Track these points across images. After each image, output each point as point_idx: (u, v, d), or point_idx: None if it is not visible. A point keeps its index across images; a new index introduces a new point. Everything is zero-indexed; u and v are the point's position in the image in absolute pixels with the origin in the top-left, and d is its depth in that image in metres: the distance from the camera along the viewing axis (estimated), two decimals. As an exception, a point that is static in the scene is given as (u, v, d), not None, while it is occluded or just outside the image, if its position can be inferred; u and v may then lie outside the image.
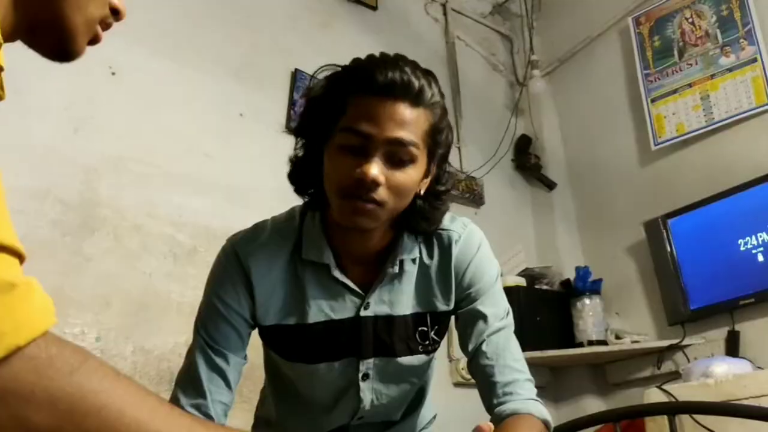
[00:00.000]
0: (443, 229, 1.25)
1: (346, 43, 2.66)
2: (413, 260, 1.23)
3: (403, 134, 1.06)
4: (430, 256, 1.25)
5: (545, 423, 1.17)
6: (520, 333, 1.29)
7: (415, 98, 1.08)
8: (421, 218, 1.18)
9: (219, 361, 1.17)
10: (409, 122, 1.07)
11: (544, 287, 2.90)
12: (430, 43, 3.17)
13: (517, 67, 3.48)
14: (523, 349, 1.27)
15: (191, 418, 0.63)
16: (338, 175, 1.09)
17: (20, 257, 0.53)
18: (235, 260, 1.20)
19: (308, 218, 1.22)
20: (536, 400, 1.19)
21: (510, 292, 2.64)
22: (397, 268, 1.21)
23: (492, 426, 0.99)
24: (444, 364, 2.63)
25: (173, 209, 2.06)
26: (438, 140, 1.13)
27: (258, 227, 1.25)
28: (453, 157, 3.21)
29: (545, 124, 3.33)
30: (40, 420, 0.51)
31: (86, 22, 0.75)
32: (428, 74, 1.13)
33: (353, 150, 1.07)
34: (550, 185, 3.21)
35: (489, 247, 1.29)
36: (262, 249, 1.20)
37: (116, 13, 0.80)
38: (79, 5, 0.73)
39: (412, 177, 1.10)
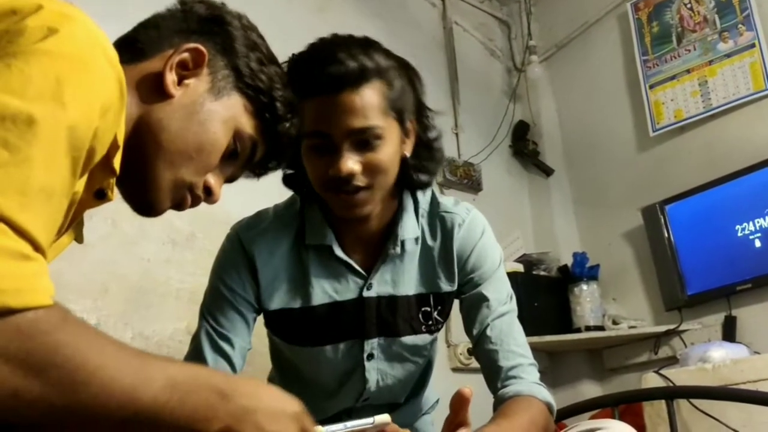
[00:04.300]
0: (446, 212, 1.26)
1: (342, 27, 2.61)
2: (415, 239, 1.25)
3: (359, 122, 1.08)
4: (434, 238, 1.26)
5: (548, 405, 1.19)
6: (518, 318, 1.30)
7: (358, 80, 1.08)
8: (417, 172, 1.21)
9: (224, 345, 1.18)
10: (361, 107, 1.08)
11: (542, 273, 2.90)
12: (428, 29, 3.16)
13: (515, 52, 3.47)
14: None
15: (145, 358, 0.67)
16: (316, 176, 1.13)
17: (41, 252, 0.61)
18: (239, 246, 1.22)
19: (309, 204, 1.24)
20: (539, 384, 1.21)
21: (508, 278, 2.67)
22: (399, 249, 1.22)
23: (471, 389, 0.99)
24: (442, 349, 2.64)
25: (171, 195, 2.05)
26: (400, 103, 1.14)
27: (260, 214, 1.27)
28: (451, 143, 3.20)
29: (543, 110, 3.33)
30: (14, 376, 0.56)
31: (174, 182, 0.84)
32: (366, 45, 1.13)
33: (320, 149, 1.10)
34: (548, 171, 3.21)
35: (492, 232, 1.30)
36: (264, 234, 1.22)
37: (210, 194, 0.89)
38: (173, 163, 0.83)
39: (388, 152, 1.12)
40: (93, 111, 0.65)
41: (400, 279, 1.24)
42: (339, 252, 1.21)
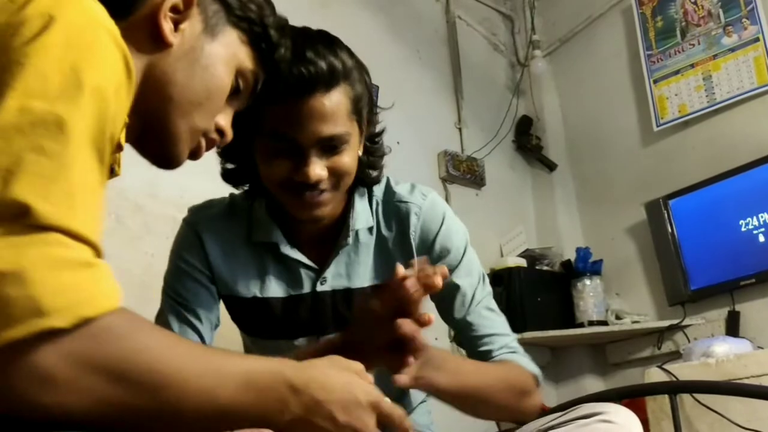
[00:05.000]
0: (401, 201, 1.23)
1: (346, 22, 2.64)
2: (369, 230, 1.22)
3: (329, 129, 1.05)
4: (389, 228, 1.23)
5: (534, 376, 1.21)
6: (521, 313, 1.29)
7: (329, 82, 1.04)
8: (368, 169, 1.19)
9: (192, 317, 1.17)
10: (331, 113, 1.04)
11: (545, 268, 2.90)
12: (431, 23, 3.15)
13: (519, 47, 3.46)
14: (524, 330, 1.28)
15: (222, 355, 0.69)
16: (275, 177, 1.09)
17: (97, 251, 0.61)
18: (189, 226, 1.23)
19: (256, 200, 1.22)
20: (526, 355, 1.23)
21: (510, 272, 2.69)
22: (351, 240, 1.19)
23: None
24: (445, 344, 2.63)
25: (175, 190, 2.05)
26: (361, 104, 1.11)
27: (215, 200, 1.26)
28: (454, 138, 3.20)
29: (546, 104, 3.32)
30: (100, 384, 0.57)
31: (189, 130, 0.85)
32: (330, 43, 1.08)
33: (283, 152, 1.06)
34: (551, 166, 3.21)
35: (453, 214, 1.27)
36: (213, 219, 1.22)
37: (222, 135, 0.90)
38: (185, 113, 0.83)
39: (352, 155, 1.10)
40: (109, 97, 0.65)
41: (355, 271, 1.21)
42: (286, 250, 1.18)
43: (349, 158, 1.09)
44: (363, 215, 1.21)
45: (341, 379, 0.75)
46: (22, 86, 0.58)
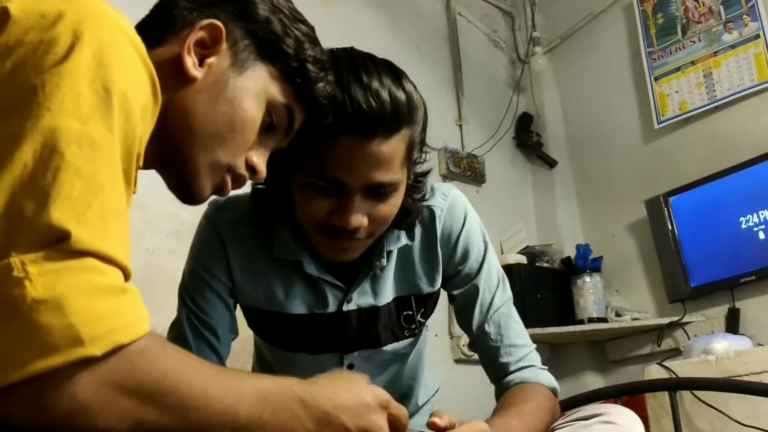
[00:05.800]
0: (425, 206, 1.16)
1: (346, 19, 2.64)
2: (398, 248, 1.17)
3: (381, 176, 0.97)
4: (411, 237, 1.17)
5: (553, 390, 1.17)
6: (521, 310, 1.28)
7: (391, 126, 0.95)
8: (404, 216, 1.09)
9: (208, 334, 1.14)
10: (387, 160, 0.96)
11: (545, 265, 2.90)
12: (432, 20, 3.15)
13: (519, 44, 3.46)
14: (524, 326, 1.26)
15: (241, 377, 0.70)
16: (314, 216, 1.01)
17: (127, 275, 0.62)
18: (212, 227, 1.16)
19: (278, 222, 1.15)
20: (543, 368, 1.19)
21: (511, 269, 2.69)
22: (385, 261, 1.14)
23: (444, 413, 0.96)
24: (445, 340, 2.64)
25: (175, 187, 2.05)
26: (415, 149, 1.03)
27: (240, 197, 1.16)
28: (454, 135, 3.20)
29: (547, 101, 3.32)
30: (133, 407, 0.59)
31: (211, 165, 0.82)
32: (397, 75, 1.00)
33: (325, 191, 0.98)
34: (552, 163, 3.21)
35: (474, 213, 1.22)
36: (236, 225, 1.15)
37: (254, 172, 0.86)
38: (206, 147, 0.80)
39: (397, 203, 1.03)
40: (137, 117, 0.65)
41: (381, 288, 1.16)
42: (311, 270, 1.12)
43: (392, 207, 1.02)
44: (396, 233, 1.15)
45: (348, 387, 0.76)
46: (56, 107, 0.59)
